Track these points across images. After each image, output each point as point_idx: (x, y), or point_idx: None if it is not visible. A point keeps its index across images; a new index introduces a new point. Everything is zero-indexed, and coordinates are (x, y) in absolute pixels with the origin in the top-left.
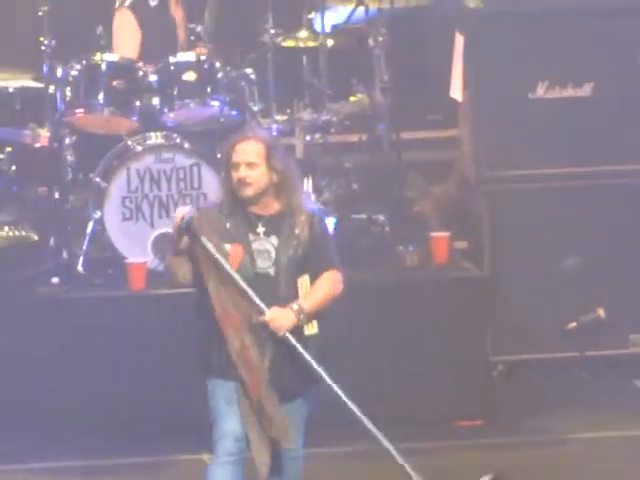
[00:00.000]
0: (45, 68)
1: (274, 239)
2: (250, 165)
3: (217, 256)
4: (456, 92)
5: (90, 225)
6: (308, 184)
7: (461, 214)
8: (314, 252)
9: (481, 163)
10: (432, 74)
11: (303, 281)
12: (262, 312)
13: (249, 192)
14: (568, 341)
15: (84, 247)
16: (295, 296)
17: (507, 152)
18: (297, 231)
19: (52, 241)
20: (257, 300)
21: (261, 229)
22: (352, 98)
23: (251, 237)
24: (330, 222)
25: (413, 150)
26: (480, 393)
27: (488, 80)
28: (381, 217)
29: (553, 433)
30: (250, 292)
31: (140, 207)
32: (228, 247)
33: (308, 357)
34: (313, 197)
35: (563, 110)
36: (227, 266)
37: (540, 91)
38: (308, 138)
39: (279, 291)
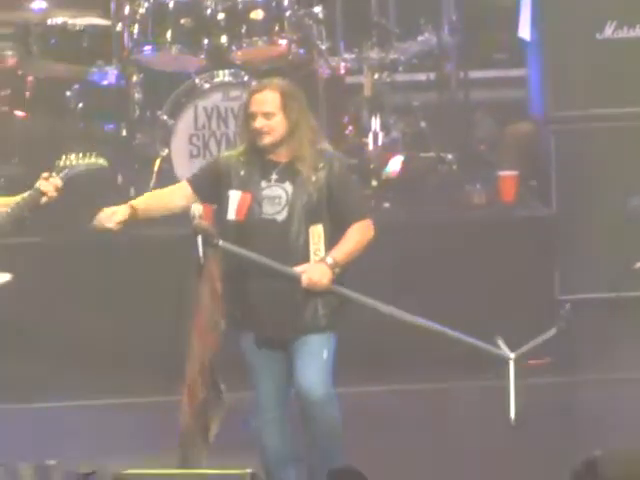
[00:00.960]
0: (113, 5)
1: (288, 185)
2: (267, 115)
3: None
4: (524, 31)
5: (157, 163)
6: (376, 122)
7: (529, 153)
8: (334, 200)
9: (549, 102)
10: (500, 13)
11: (316, 230)
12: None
13: (266, 141)
14: (635, 280)
15: (151, 184)
16: (305, 244)
17: (574, 92)
18: (313, 178)
19: (120, 179)
20: (287, 269)
21: (274, 176)
22: (420, 37)
23: (263, 184)
24: (398, 160)
25: (481, 89)
26: (547, 331)
27: (556, 20)
28: (449, 155)
29: (619, 372)
30: (276, 265)
31: (207, 144)
32: (237, 194)
33: (364, 299)
34: (381, 136)
35: (631, 50)
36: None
37: (608, 31)
38: (376, 77)
39: (288, 237)
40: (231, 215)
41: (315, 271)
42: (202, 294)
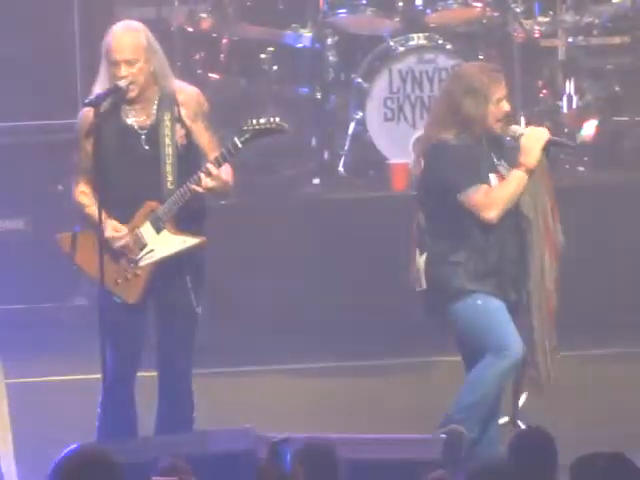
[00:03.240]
0: None
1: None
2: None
3: None
4: None
5: (352, 126)
6: (570, 86)
7: None
8: None
9: None
10: None
11: None
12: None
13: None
14: None
15: (345, 148)
16: None
17: None
18: None
19: (313, 141)
20: None
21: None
22: (615, 0)
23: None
24: (592, 124)
25: None
26: None
27: None
28: None
29: None
30: None
31: (402, 108)
32: (494, 177)
33: None
34: (575, 99)
35: None
36: None
37: None
38: (570, 40)
39: None
40: None
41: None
42: (546, 210)
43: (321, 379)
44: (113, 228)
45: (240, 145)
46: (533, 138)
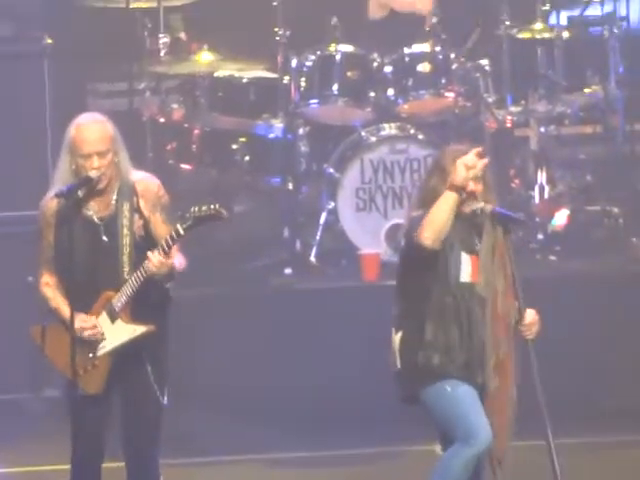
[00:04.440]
0: (279, 59)
1: None
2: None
3: None
4: None
5: (323, 216)
6: (542, 175)
7: None
8: None
9: None
10: None
11: None
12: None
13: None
14: None
15: (317, 237)
16: None
17: None
18: None
19: (285, 232)
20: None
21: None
22: (587, 90)
23: (477, 243)
24: (564, 214)
25: None
26: None
27: None
28: (615, 209)
29: None
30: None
31: (374, 198)
32: (468, 257)
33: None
34: (547, 189)
35: None
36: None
37: None
38: (542, 129)
39: None
40: (465, 278)
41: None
42: (497, 284)
43: (296, 469)
44: (81, 319)
45: (182, 232)
46: (465, 161)
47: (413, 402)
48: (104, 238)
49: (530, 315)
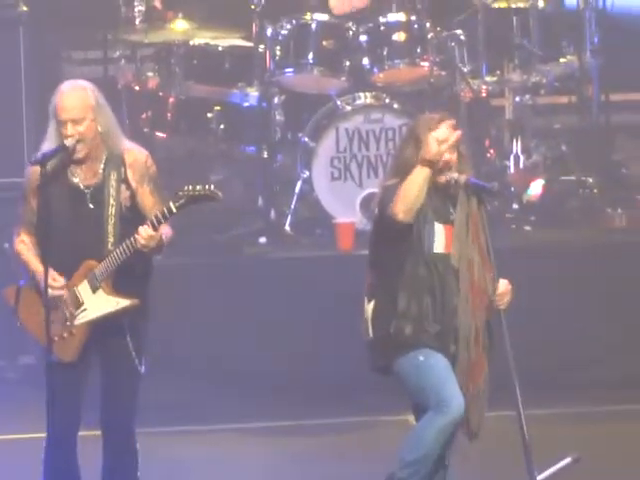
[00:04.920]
0: (255, 27)
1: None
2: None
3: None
4: None
5: (298, 185)
6: (517, 145)
7: None
8: None
9: None
10: None
11: None
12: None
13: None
14: None
15: (292, 206)
16: None
17: None
18: None
19: (260, 200)
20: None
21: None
22: (562, 59)
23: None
24: (539, 183)
25: (623, 112)
26: None
27: None
28: (590, 179)
29: None
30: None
31: (349, 167)
32: (442, 227)
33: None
34: (522, 159)
35: None
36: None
37: None
38: (517, 99)
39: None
40: (439, 249)
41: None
42: (473, 255)
43: (272, 438)
44: (51, 277)
45: (175, 210)
46: (437, 136)
47: (385, 372)
48: (90, 206)
49: (503, 285)
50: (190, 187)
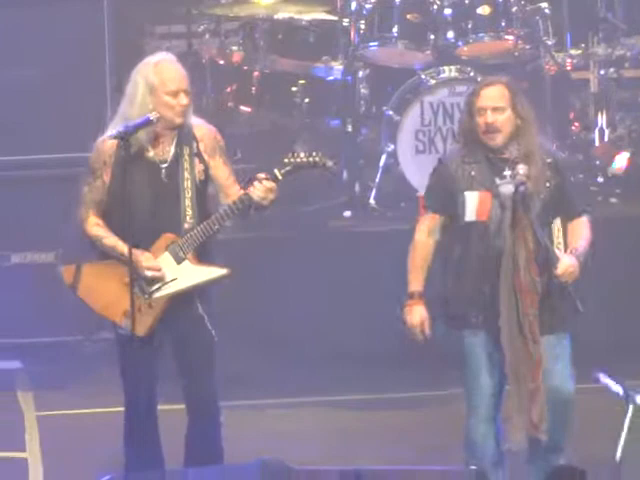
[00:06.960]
0: (339, 1)
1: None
2: (497, 110)
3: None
4: None
5: (383, 158)
6: (602, 118)
7: None
8: (562, 196)
9: None
10: None
11: (556, 224)
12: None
13: (498, 140)
14: None
15: (376, 180)
16: (548, 238)
17: None
18: (548, 173)
19: (345, 174)
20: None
21: (508, 172)
22: None
23: (498, 181)
24: (624, 156)
25: None
26: None
27: None
28: None
29: None
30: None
31: (433, 140)
32: (474, 195)
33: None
34: (607, 132)
35: None
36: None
37: None
38: (602, 72)
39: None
40: (470, 217)
41: (571, 262)
42: (518, 255)
43: (351, 411)
44: (147, 258)
45: (280, 177)
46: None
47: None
48: (165, 180)
49: (562, 265)
50: (295, 154)
